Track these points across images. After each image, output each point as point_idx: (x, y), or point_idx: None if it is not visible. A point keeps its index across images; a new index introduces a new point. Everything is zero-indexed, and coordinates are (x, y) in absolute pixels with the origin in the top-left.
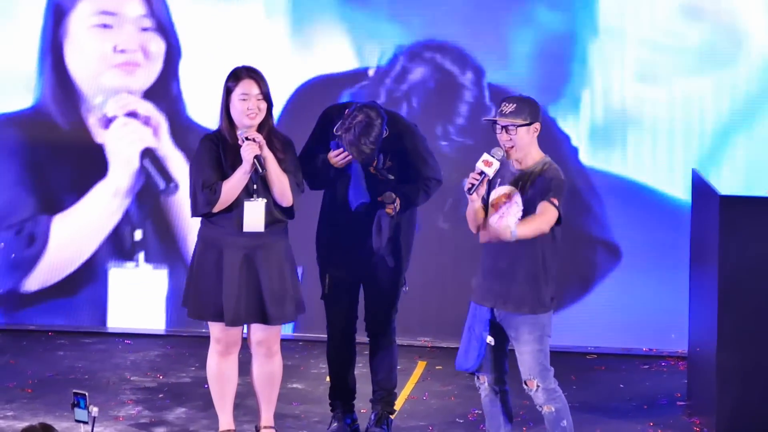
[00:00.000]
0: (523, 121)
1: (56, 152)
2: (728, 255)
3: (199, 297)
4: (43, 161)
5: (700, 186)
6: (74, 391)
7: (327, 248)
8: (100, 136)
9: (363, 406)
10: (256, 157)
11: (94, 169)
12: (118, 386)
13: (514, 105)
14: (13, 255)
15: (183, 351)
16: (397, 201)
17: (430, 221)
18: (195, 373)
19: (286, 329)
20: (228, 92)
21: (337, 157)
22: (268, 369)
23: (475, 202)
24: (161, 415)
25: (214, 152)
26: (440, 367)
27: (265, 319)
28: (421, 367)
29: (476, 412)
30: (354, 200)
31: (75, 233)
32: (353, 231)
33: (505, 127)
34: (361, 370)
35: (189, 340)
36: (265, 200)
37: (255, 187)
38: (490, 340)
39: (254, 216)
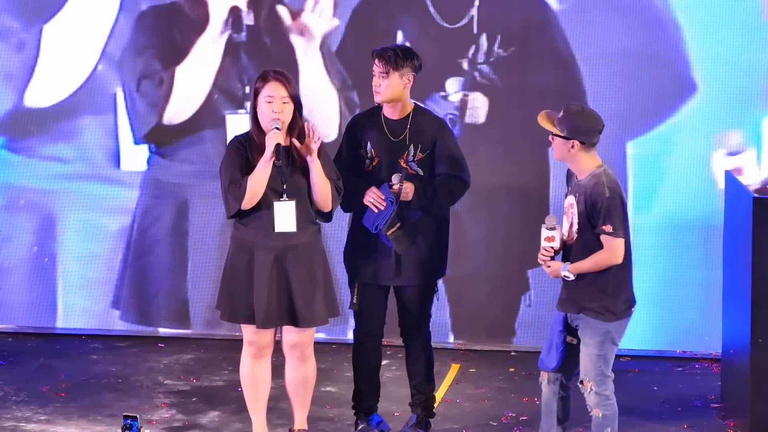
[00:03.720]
0: (559, 133)
1: None
2: (762, 256)
3: (231, 300)
4: None
5: (733, 186)
6: (125, 414)
7: (356, 258)
8: None
9: (398, 409)
10: (277, 145)
11: None
12: (151, 390)
13: (561, 112)
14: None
15: (216, 354)
16: (405, 184)
17: (465, 224)
18: (228, 377)
19: (320, 332)
20: (255, 94)
21: (377, 199)
22: (301, 373)
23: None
24: (194, 419)
25: (241, 153)
26: (474, 370)
27: (295, 322)
28: (454, 369)
29: (510, 414)
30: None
31: None
32: (382, 240)
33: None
34: (395, 373)
35: (222, 344)
36: (294, 201)
37: (285, 186)
38: (570, 339)
39: (285, 216)
